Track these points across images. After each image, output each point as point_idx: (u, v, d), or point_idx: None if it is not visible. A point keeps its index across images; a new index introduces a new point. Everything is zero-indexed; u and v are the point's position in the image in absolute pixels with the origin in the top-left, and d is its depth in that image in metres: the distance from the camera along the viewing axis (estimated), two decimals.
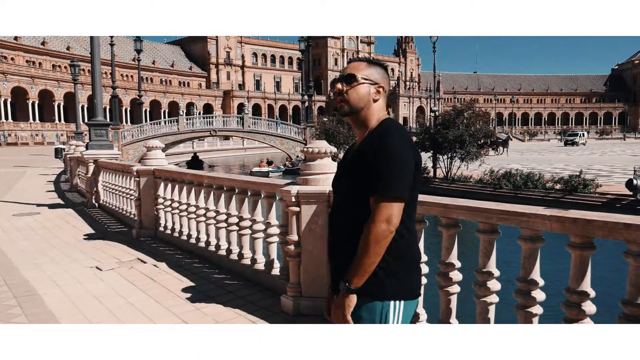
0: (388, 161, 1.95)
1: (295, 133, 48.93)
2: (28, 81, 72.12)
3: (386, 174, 1.95)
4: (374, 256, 1.95)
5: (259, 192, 5.82)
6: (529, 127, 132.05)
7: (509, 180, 20.69)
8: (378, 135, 2.06)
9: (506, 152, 46.60)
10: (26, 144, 65.63)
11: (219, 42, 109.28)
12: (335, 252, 2.19)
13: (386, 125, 2.11)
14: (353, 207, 2.07)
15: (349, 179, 2.11)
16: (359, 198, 2.03)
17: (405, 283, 2.07)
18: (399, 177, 1.96)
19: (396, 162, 1.96)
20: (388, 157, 1.96)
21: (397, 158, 1.96)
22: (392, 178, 1.95)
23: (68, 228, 9.81)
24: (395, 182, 1.95)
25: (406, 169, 1.99)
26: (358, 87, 2.15)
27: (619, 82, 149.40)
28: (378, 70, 2.19)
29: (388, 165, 1.95)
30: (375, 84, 2.16)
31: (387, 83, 2.21)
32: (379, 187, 1.95)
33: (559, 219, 2.99)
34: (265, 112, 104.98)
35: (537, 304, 3.25)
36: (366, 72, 2.17)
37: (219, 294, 5.53)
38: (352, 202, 2.08)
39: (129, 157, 39.55)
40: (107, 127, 14.13)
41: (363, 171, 2.01)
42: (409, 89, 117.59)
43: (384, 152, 1.96)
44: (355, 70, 2.17)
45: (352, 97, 2.15)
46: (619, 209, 16.30)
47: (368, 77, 2.16)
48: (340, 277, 2.06)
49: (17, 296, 5.46)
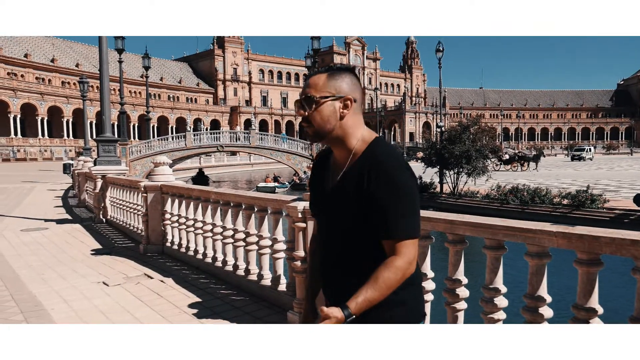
0: (403, 199, 1.81)
1: (302, 148, 49.05)
2: (37, 98, 72.91)
3: (404, 214, 1.81)
4: (387, 294, 1.82)
5: (266, 208, 5.84)
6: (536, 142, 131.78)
7: (516, 195, 20.61)
8: (375, 164, 1.84)
9: (536, 168, 44.18)
10: (35, 160, 66.12)
11: (226, 59, 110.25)
12: (324, 272, 2.08)
13: (382, 151, 1.88)
14: (345, 235, 1.92)
15: (342, 205, 1.91)
16: (355, 228, 1.88)
17: (413, 309, 1.97)
18: (414, 214, 1.84)
19: (411, 200, 1.83)
20: (402, 194, 1.81)
21: (411, 195, 1.83)
22: (411, 218, 1.83)
23: (76, 243, 9.85)
24: (413, 221, 1.83)
25: (417, 203, 1.86)
26: (320, 108, 1.89)
27: (625, 97, 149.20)
28: (344, 80, 1.92)
29: (404, 204, 1.81)
30: (340, 97, 1.90)
31: (358, 90, 1.95)
32: (399, 228, 1.81)
33: (565, 235, 2.98)
34: (272, 127, 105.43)
35: (545, 321, 3.23)
36: (328, 88, 1.90)
37: (225, 310, 5.53)
38: (344, 230, 1.92)
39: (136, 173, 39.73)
40: (115, 143, 14.23)
41: (363, 203, 1.84)
42: (415, 105, 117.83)
43: (395, 189, 1.80)
44: (314, 89, 1.91)
45: (316, 120, 1.91)
46: (627, 224, 16.19)
47: (331, 92, 1.89)
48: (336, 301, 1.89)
49: (24, 311, 5.48)
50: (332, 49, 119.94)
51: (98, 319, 5.27)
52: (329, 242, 2.02)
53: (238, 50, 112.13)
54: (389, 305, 1.86)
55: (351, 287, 1.84)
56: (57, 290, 6.35)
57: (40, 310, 5.54)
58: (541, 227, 3.13)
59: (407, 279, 1.87)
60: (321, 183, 2.06)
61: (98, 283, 6.73)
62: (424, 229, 3.86)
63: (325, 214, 2.02)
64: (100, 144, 13.79)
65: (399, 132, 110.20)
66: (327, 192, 1.99)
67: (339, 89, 1.91)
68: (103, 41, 12.84)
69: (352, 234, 1.90)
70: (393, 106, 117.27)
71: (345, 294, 1.86)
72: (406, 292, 1.91)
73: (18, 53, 79.76)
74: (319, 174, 2.10)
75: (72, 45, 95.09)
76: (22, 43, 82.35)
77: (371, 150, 1.90)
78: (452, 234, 3.74)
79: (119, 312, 5.51)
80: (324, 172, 2.06)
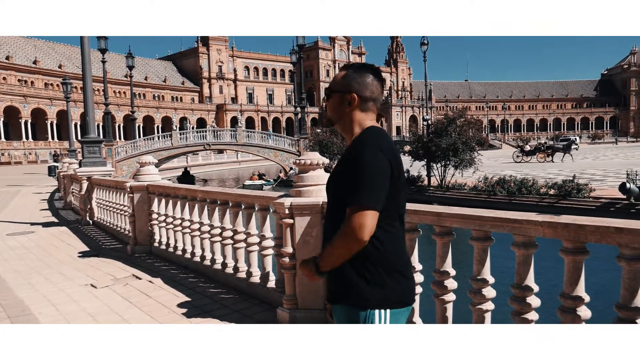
0: (360, 172, 1.98)
1: (289, 145, 48.98)
2: (20, 100, 72.07)
3: (358, 185, 1.97)
4: (339, 256, 2.03)
5: (253, 205, 5.82)
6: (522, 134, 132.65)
7: (502, 186, 20.74)
8: (356, 143, 2.10)
9: (571, 158, 40.63)
10: (19, 163, 65.38)
11: (211, 56, 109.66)
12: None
13: (364, 134, 2.13)
14: (336, 213, 2.10)
15: (332, 185, 2.17)
16: (340, 205, 2.06)
17: (391, 291, 2.06)
18: (371, 188, 1.97)
19: (368, 174, 1.98)
20: (360, 167, 1.98)
21: (370, 169, 1.98)
22: (364, 189, 1.97)
23: (62, 246, 9.76)
24: (367, 193, 1.97)
25: (379, 179, 1.99)
26: (331, 100, 2.24)
27: (609, 86, 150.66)
28: (355, 79, 2.19)
29: (361, 176, 1.98)
30: (345, 92, 2.19)
31: (364, 88, 2.18)
32: (352, 197, 1.98)
33: (551, 224, 3.00)
34: (258, 124, 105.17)
35: (533, 310, 3.25)
36: (340, 83, 2.21)
37: (215, 309, 5.50)
38: (335, 208, 2.12)
39: (122, 174, 39.44)
40: (99, 144, 14.10)
41: (342, 179, 2.07)
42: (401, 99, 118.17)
43: (357, 162, 2.00)
44: (333, 83, 2.26)
45: (328, 109, 2.27)
46: (613, 212, 16.35)
47: (339, 87, 2.21)
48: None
49: (12, 316, 5.42)
50: (317, 44, 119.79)
51: (86, 322, 5.22)
52: (328, 225, 2.22)
53: (223, 47, 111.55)
54: (361, 283, 2.04)
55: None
56: (44, 294, 6.29)
57: (28, 315, 5.48)
58: (527, 217, 3.15)
59: (375, 260, 2.04)
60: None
61: (86, 285, 6.67)
62: (411, 222, 3.87)
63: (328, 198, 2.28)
64: (85, 145, 13.65)
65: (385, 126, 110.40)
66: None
67: (349, 85, 2.19)
68: (85, 41, 12.68)
69: (339, 213, 2.07)
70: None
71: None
72: (389, 277, 2.06)
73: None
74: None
75: (54, 47, 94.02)
76: (3, 45, 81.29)
77: (358, 136, 2.15)
78: (439, 226, 3.75)
79: (107, 314, 5.46)
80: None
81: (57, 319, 5.32)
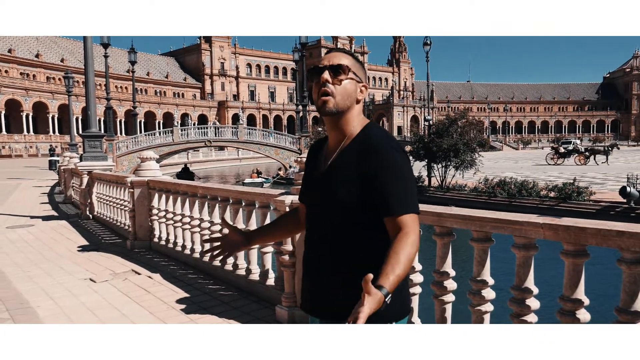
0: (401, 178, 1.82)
1: (290, 143, 49.01)
2: (22, 93, 72.02)
3: (404, 192, 1.82)
4: (409, 268, 1.77)
5: (253, 202, 5.82)
6: (523, 135, 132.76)
7: (503, 188, 20.74)
8: (374, 144, 1.84)
9: (607, 161, 38.90)
10: (20, 156, 65.37)
11: (213, 53, 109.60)
12: (320, 268, 1.97)
13: (376, 133, 1.90)
14: (339, 213, 1.88)
15: (338, 187, 1.87)
16: (351, 206, 1.85)
17: (402, 301, 1.92)
18: (413, 192, 1.86)
19: (409, 179, 1.85)
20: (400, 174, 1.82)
21: (408, 174, 1.85)
22: (410, 195, 1.84)
23: (62, 240, 9.76)
24: (413, 198, 1.85)
25: (414, 182, 1.90)
26: (346, 81, 1.87)
27: (611, 90, 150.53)
28: (362, 67, 1.97)
29: (402, 183, 1.82)
30: (361, 81, 1.93)
31: (367, 82, 2.01)
32: (402, 204, 1.80)
33: (551, 226, 3.00)
34: (260, 122, 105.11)
35: (532, 312, 3.25)
36: (354, 67, 1.91)
37: (213, 305, 5.50)
38: (338, 210, 1.87)
39: (123, 169, 39.45)
40: (101, 138, 14.10)
41: (360, 182, 1.82)
42: (402, 99, 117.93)
43: (392, 169, 1.81)
44: (345, 60, 1.89)
45: (340, 92, 1.87)
46: (613, 216, 16.36)
47: (355, 72, 1.91)
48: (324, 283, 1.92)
49: (10, 309, 5.42)
50: (320, 42, 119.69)
51: (85, 316, 5.22)
52: (319, 225, 1.97)
53: (225, 44, 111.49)
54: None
55: (342, 265, 1.86)
56: (43, 288, 6.29)
57: (27, 308, 5.48)
58: (528, 219, 3.15)
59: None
60: (313, 171, 2.04)
61: (85, 280, 6.67)
62: None
63: (318, 196, 1.98)
64: (86, 139, 13.64)
65: (387, 125, 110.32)
66: (319, 175, 1.97)
67: (361, 73, 1.94)
68: (88, 36, 12.69)
69: (347, 212, 1.86)
70: (381, 100, 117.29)
71: (336, 272, 1.87)
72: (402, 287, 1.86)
73: (2, 48, 78.72)
74: (312, 164, 2.08)
75: (57, 40, 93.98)
76: (5, 38, 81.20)
77: (366, 132, 1.90)
78: (439, 227, 3.75)
79: (106, 308, 5.47)
80: (316, 162, 2.03)
81: (56, 313, 5.32)
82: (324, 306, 1.96)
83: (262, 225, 2.24)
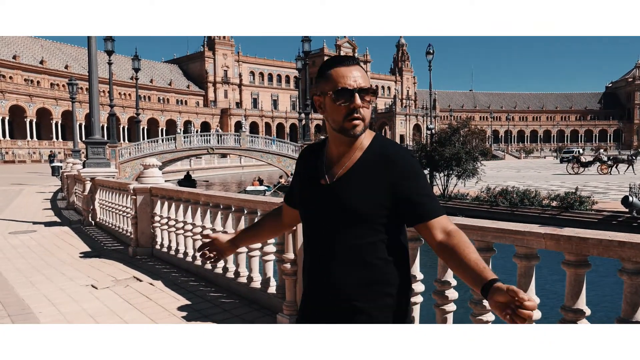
0: (426, 184, 1.85)
1: (292, 151, 49.08)
2: (26, 100, 72.36)
3: (431, 196, 1.83)
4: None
5: (255, 210, 5.82)
6: (525, 145, 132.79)
7: (505, 197, 20.71)
8: (391, 155, 1.84)
9: (632, 169, 38.03)
10: (23, 162, 65.57)
11: (217, 61, 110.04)
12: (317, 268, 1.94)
13: (391, 143, 1.91)
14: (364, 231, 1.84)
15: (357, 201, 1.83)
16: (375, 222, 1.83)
17: (403, 310, 1.90)
18: (435, 195, 1.88)
19: (430, 185, 1.88)
20: (423, 180, 1.85)
21: (427, 179, 1.88)
22: (436, 199, 1.85)
23: (64, 246, 9.78)
24: (438, 201, 1.86)
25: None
26: (370, 99, 1.85)
27: (613, 99, 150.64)
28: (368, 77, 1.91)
29: (428, 188, 1.85)
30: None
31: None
32: (435, 208, 1.80)
33: (553, 236, 3.00)
34: (262, 130, 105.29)
35: (533, 322, 3.24)
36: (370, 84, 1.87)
37: (214, 313, 5.50)
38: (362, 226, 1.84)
39: (126, 175, 39.51)
40: (104, 145, 14.15)
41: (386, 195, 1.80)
42: (405, 107, 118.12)
43: (417, 176, 1.82)
44: (368, 82, 1.84)
45: (367, 115, 1.85)
46: (615, 226, 16.31)
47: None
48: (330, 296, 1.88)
49: (12, 315, 5.43)
50: (323, 51, 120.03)
51: (86, 323, 5.22)
52: (324, 233, 1.91)
53: (228, 52, 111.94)
54: (390, 302, 1.85)
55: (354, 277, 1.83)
56: (45, 294, 6.30)
57: (28, 314, 5.49)
58: (529, 229, 3.15)
59: (404, 277, 1.91)
60: (310, 179, 1.98)
61: (87, 286, 6.68)
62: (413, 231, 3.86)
63: (324, 207, 1.90)
64: (90, 146, 13.70)
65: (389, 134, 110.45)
66: (324, 186, 1.90)
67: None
68: (92, 42, 12.76)
69: (363, 223, 1.83)
70: (383, 108, 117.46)
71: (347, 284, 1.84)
72: (403, 291, 1.90)
73: (6, 54, 79.14)
74: (307, 171, 2.01)
75: (61, 47, 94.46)
76: (10, 44, 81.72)
77: (379, 142, 1.88)
78: None
79: (107, 315, 5.47)
80: (313, 170, 1.96)
81: (57, 319, 5.32)
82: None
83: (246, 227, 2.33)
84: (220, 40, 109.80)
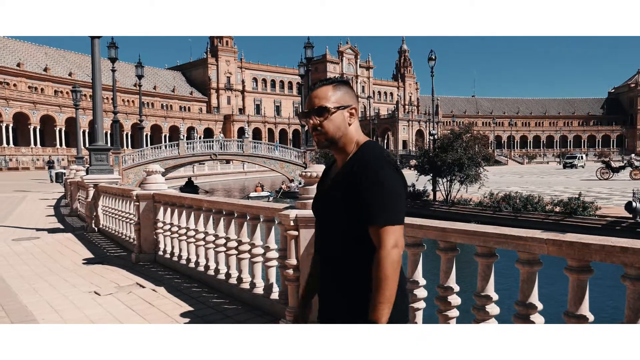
0: (382, 192, 1.91)
1: (295, 157, 49.06)
2: (30, 107, 72.56)
3: (383, 205, 1.91)
4: (394, 284, 1.87)
5: (258, 216, 5.83)
6: (528, 150, 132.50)
7: (508, 203, 20.66)
8: (363, 162, 1.98)
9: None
10: (27, 169, 65.72)
11: (220, 67, 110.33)
12: (322, 279, 2.20)
13: (367, 151, 2.03)
14: (340, 232, 2.04)
15: (333, 204, 2.04)
16: (347, 224, 2.00)
17: (399, 309, 1.97)
18: (394, 205, 1.92)
19: (390, 193, 1.92)
20: (382, 188, 1.91)
21: (390, 188, 1.92)
22: (389, 208, 1.91)
23: (67, 253, 9.79)
24: (392, 210, 1.91)
25: (399, 196, 1.95)
26: (332, 116, 2.04)
27: (616, 105, 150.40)
28: (345, 91, 2.10)
29: (383, 196, 1.91)
30: (347, 106, 2.08)
31: (356, 100, 2.13)
32: (378, 216, 1.91)
33: (555, 242, 3.00)
34: (265, 136, 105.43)
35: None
36: (335, 98, 2.06)
37: (217, 319, 5.50)
38: (338, 228, 2.04)
39: (129, 182, 39.58)
40: (107, 151, 14.19)
41: (351, 198, 1.96)
42: (408, 113, 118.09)
43: (376, 184, 1.91)
44: (324, 100, 2.05)
45: (329, 128, 2.05)
46: (618, 231, 16.25)
47: (339, 102, 2.06)
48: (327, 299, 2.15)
49: (15, 322, 5.43)
50: (325, 57, 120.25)
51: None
52: (322, 241, 2.17)
53: (231, 58, 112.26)
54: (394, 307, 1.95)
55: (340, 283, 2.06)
56: (48, 300, 6.31)
57: (31, 321, 5.49)
58: (532, 235, 3.15)
59: (405, 284, 2.05)
60: (321, 188, 2.25)
61: (89, 293, 6.68)
62: (415, 237, 3.87)
63: (319, 214, 2.18)
64: (93, 152, 13.74)
65: (392, 140, 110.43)
66: (322, 193, 2.18)
67: (344, 98, 2.08)
68: (96, 48, 12.80)
69: (341, 231, 2.04)
70: (386, 114, 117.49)
71: (333, 288, 2.09)
72: (404, 296, 2.08)
73: (11, 62, 79.49)
74: (323, 181, 2.27)
75: (65, 55, 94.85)
76: (15, 52, 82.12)
77: (360, 152, 2.05)
78: (443, 242, 3.75)
79: (110, 322, 5.47)
80: (325, 179, 2.24)
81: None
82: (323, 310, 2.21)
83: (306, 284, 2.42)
84: (223, 46, 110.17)
